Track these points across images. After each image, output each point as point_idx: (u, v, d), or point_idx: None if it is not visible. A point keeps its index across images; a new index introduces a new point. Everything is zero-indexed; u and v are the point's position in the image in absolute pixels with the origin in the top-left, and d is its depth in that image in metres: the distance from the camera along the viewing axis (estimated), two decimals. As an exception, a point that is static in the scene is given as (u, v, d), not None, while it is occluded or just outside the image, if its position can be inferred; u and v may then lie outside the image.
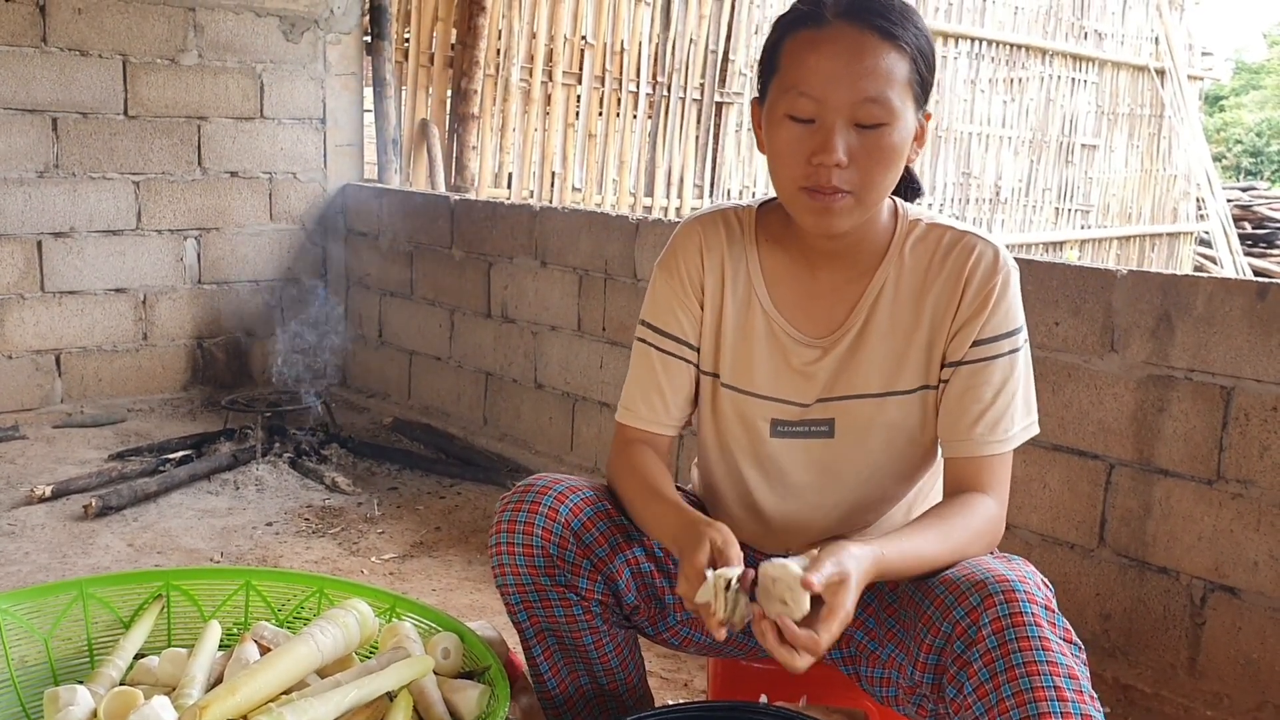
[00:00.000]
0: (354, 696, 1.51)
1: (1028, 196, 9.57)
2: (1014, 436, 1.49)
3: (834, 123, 1.37)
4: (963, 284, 1.48)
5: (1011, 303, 1.49)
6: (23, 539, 3.04)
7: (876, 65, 1.36)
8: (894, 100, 1.37)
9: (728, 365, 1.59)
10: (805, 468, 1.58)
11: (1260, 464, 2.18)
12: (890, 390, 1.53)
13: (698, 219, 1.62)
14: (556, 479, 1.60)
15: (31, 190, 4.01)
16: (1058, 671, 1.26)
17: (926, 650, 1.36)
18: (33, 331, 4.09)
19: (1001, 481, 1.50)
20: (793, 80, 1.39)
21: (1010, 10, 9.27)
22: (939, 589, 1.37)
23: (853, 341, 1.53)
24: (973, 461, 1.49)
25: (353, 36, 4.68)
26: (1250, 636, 2.22)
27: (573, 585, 1.56)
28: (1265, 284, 2.16)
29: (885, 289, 1.52)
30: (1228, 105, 24.41)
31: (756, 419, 1.58)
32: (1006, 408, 1.48)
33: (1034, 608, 1.29)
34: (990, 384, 1.47)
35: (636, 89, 6.25)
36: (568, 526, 1.55)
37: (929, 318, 1.51)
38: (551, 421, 3.76)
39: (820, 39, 1.38)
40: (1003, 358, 1.48)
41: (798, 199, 1.42)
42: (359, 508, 3.39)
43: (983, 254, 1.48)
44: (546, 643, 1.62)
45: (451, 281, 4.15)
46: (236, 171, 4.45)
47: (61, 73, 4.00)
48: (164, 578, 1.83)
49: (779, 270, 1.57)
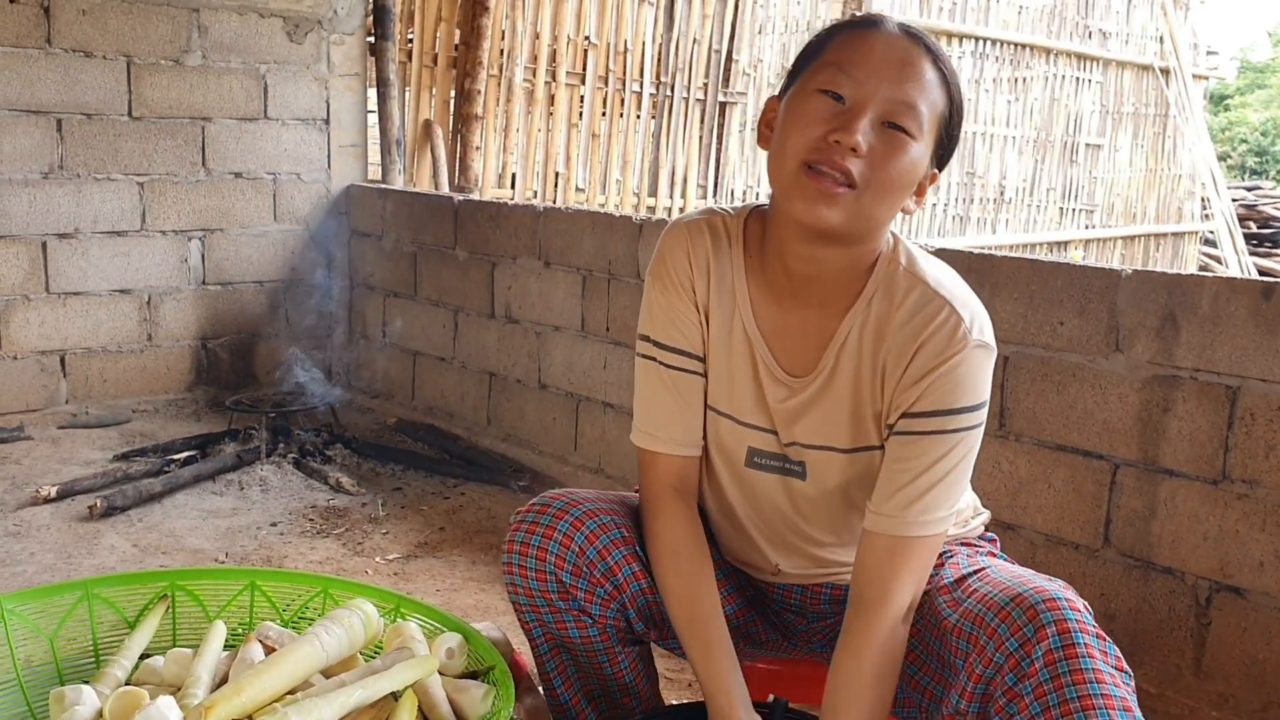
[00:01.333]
0: (358, 697, 1.50)
1: (1032, 196, 9.57)
2: (937, 520, 1.41)
3: (866, 109, 1.32)
4: (912, 354, 1.40)
5: (960, 381, 1.38)
6: (28, 539, 3.05)
7: (923, 79, 1.34)
8: (925, 119, 1.34)
9: (715, 387, 1.55)
10: (780, 498, 1.56)
11: (1266, 464, 2.18)
12: (858, 446, 1.48)
13: (683, 225, 1.55)
14: (573, 499, 1.56)
15: (36, 191, 4.01)
16: (1113, 705, 1.24)
17: (976, 680, 1.33)
18: (38, 332, 4.10)
19: (913, 571, 1.41)
20: (837, 58, 1.35)
21: (1014, 9, 9.27)
22: (989, 616, 1.33)
23: (819, 389, 1.47)
24: (885, 541, 1.41)
25: (356, 37, 4.68)
26: (1256, 637, 2.21)
27: (586, 610, 1.56)
28: (1271, 284, 2.16)
29: (850, 338, 1.45)
30: (1233, 104, 24.39)
31: (735, 444, 1.55)
32: (932, 486, 1.39)
33: (1086, 637, 1.27)
34: (919, 460, 1.39)
35: (640, 89, 6.25)
36: (582, 554, 1.52)
37: (880, 376, 1.44)
38: (555, 422, 3.76)
39: (878, 36, 1.36)
40: (937, 436, 1.39)
41: (797, 179, 1.34)
42: (363, 508, 3.40)
43: (942, 325, 1.38)
44: (560, 657, 1.62)
45: (455, 282, 4.15)
46: (240, 172, 4.46)
47: (66, 74, 4.00)
48: (169, 578, 1.83)
49: (762, 290, 1.50)
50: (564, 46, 5.84)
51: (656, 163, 6.45)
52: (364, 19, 4.71)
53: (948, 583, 1.48)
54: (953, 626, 1.40)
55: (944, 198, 8.74)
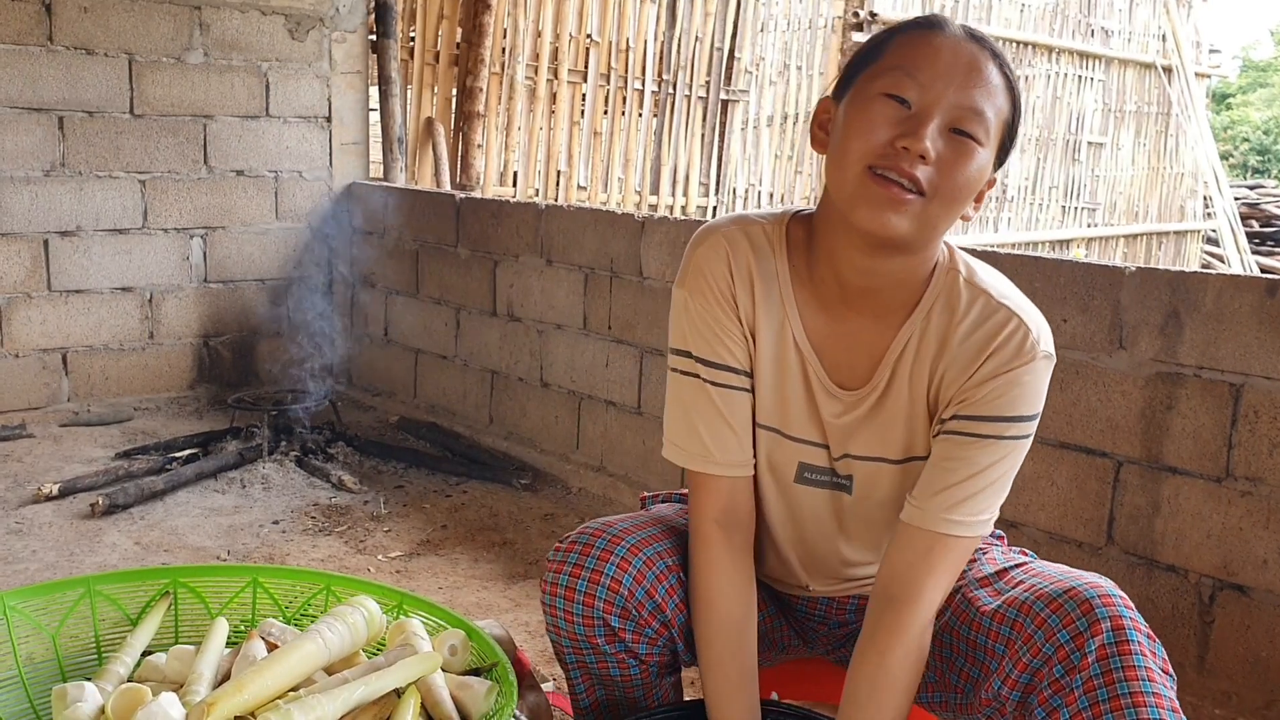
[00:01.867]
0: (361, 693, 1.50)
1: (1034, 194, 9.56)
2: (981, 523, 1.39)
3: (933, 114, 1.28)
4: (978, 364, 1.37)
5: (1027, 389, 1.36)
6: (30, 537, 3.05)
7: (990, 84, 1.30)
8: (991, 125, 1.31)
9: (763, 402, 1.49)
10: (825, 519, 1.54)
11: (1269, 461, 2.17)
12: (909, 456, 1.46)
13: (719, 234, 1.46)
14: (614, 535, 1.50)
15: (38, 189, 4.01)
16: (1163, 704, 1.25)
17: (1022, 668, 1.33)
18: (39, 330, 4.10)
19: (948, 571, 1.39)
20: (901, 61, 1.30)
21: (1017, 8, 9.26)
22: (1039, 605, 1.32)
23: (876, 401, 1.44)
24: (921, 535, 1.39)
25: (358, 35, 4.68)
26: (1259, 634, 2.21)
27: (633, 652, 1.53)
28: (1274, 281, 2.16)
29: (908, 348, 1.41)
30: (1235, 103, 24.37)
31: (785, 461, 1.51)
32: (979, 491, 1.37)
33: (1139, 636, 1.27)
34: (971, 462, 1.37)
35: (642, 87, 6.25)
36: (631, 597, 1.48)
37: (938, 386, 1.41)
38: (557, 420, 3.76)
39: (943, 40, 1.32)
40: (995, 442, 1.37)
41: (862, 184, 1.29)
42: (365, 506, 3.40)
43: (1010, 336, 1.36)
44: (592, 686, 1.59)
45: (457, 280, 4.15)
46: (242, 170, 4.46)
47: (67, 71, 4.00)
48: (171, 575, 1.83)
49: (810, 300, 1.44)
50: (566, 44, 5.83)
51: (658, 161, 6.45)
52: (366, 16, 4.71)
53: (987, 574, 1.48)
54: (993, 613, 1.40)
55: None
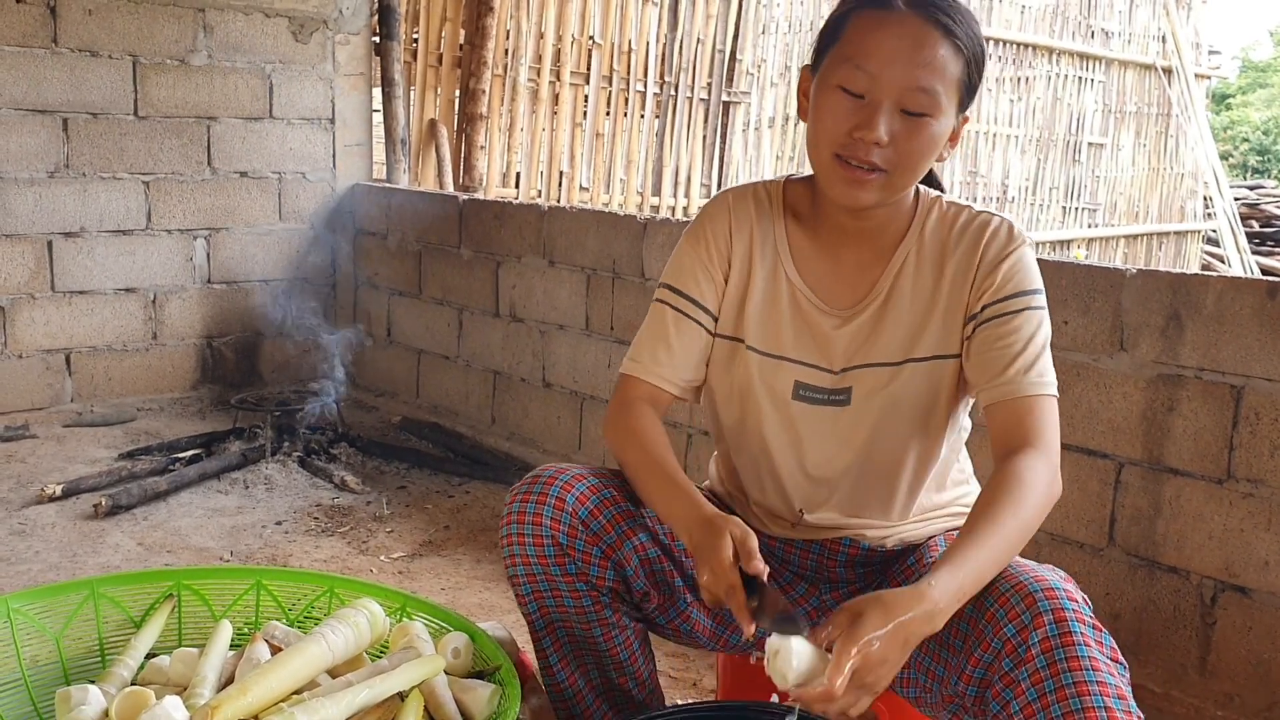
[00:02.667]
0: (365, 696, 1.51)
1: (1035, 195, 9.56)
2: (1052, 383, 1.49)
3: (882, 102, 1.41)
4: (980, 254, 1.53)
5: (1029, 268, 1.52)
6: (33, 538, 3.05)
7: (934, 57, 1.41)
8: (942, 95, 1.43)
9: (754, 330, 1.61)
10: (822, 434, 1.60)
11: (1271, 463, 2.18)
12: (907, 358, 1.56)
13: (730, 192, 1.67)
14: (563, 468, 1.61)
15: (42, 190, 4.02)
16: (1108, 692, 1.26)
17: (975, 664, 1.35)
18: (43, 331, 4.10)
19: (1049, 428, 1.47)
20: (852, 53, 1.43)
21: (1017, 9, 9.26)
22: (988, 600, 1.35)
23: (875, 312, 1.57)
24: (1017, 405, 1.47)
25: (361, 37, 4.69)
26: (1261, 636, 2.21)
27: (583, 574, 1.57)
28: (1276, 283, 2.16)
29: (907, 263, 1.56)
30: (1235, 104, 24.36)
31: (780, 382, 1.60)
32: (1039, 355, 1.49)
33: (1083, 626, 1.29)
34: (1019, 333, 1.49)
35: (644, 89, 6.25)
36: (575, 514, 1.56)
37: (947, 288, 1.54)
38: (560, 420, 3.77)
39: (887, 21, 1.42)
40: (1026, 311, 1.50)
41: (831, 167, 1.46)
42: (368, 506, 3.40)
43: (998, 228, 1.54)
44: (556, 635, 1.62)
45: (460, 281, 4.16)
46: (246, 171, 4.46)
47: (72, 73, 4.01)
48: (175, 577, 1.83)
49: (805, 246, 1.61)
50: (568, 46, 5.84)
51: (660, 162, 6.45)
52: (369, 19, 4.72)
53: None
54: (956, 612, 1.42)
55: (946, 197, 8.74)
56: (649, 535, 1.61)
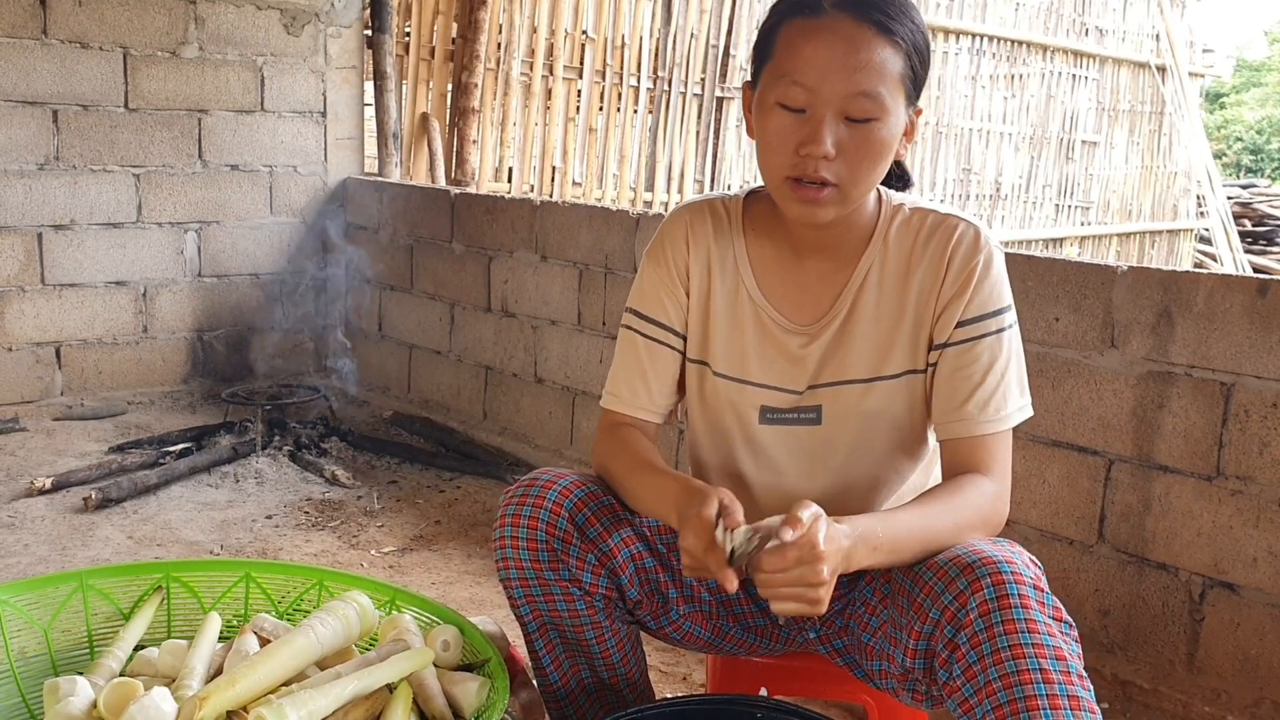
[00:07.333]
0: (354, 688, 1.51)
1: (1028, 193, 9.56)
2: (1008, 416, 1.48)
3: (824, 114, 1.37)
4: (945, 265, 1.49)
5: (995, 282, 1.49)
6: (22, 531, 3.04)
7: (871, 59, 1.36)
8: (886, 96, 1.37)
9: (720, 354, 1.59)
10: (793, 454, 1.59)
11: (1260, 460, 2.18)
12: (876, 375, 1.53)
13: (686, 208, 1.63)
14: (560, 473, 1.60)
15: (32, 182, 4.00)
16: (1044, 653, 1.26)
17: (915, 637, 1.36)
18: (33, 324, 4.09)
19: (999, 462, 1.48)
20: (786, 68, 1.39)
21: (1011, 6, 9.26)
22: (928, 575, 1.36)
23: (839, 328, 1.54)
24: (966, 442, 1.48)
25: (353, 30, 4.67)
26: (1249, 633, 2.22)
27: (576, 579, 1.56)
28: (1266, 281, 2.17)
29: (870, 274, 1.53)
30: (1228, 102, 24.39)
31: (747, 406, 1.58)
32: (997, 386, 1.47)
33: (1021, 588, 1.29)
34: (979, 363, 1.47)
35: (637, 84, 6.24)
36: (571, 520, 1.54)
37: (914, 301, 1.51)
38: (551, 415, 3.76)
39: (817, 28, 1.37)
40: (989, 337, 1.48)
41: (783, 188, 1.43)
42: (358, 501, 3.40)
43: (964, 235, 1.49)
44: (548, 636, 1.62)
45: (451, 275, 4.15)
46: (237, 164, 4.45)
47: (62, 65, 3.99)
48: (164, 569, 1.83)
49: (766, 259, 1.58)
50: (561, 40, 5.83)
51: (654, 157, 6.45)
52: (361, 12, 4.71)
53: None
54: (898, 588, 1.43)
55: (939, 194, 8.74)
56: (645, 545, 1.60)
